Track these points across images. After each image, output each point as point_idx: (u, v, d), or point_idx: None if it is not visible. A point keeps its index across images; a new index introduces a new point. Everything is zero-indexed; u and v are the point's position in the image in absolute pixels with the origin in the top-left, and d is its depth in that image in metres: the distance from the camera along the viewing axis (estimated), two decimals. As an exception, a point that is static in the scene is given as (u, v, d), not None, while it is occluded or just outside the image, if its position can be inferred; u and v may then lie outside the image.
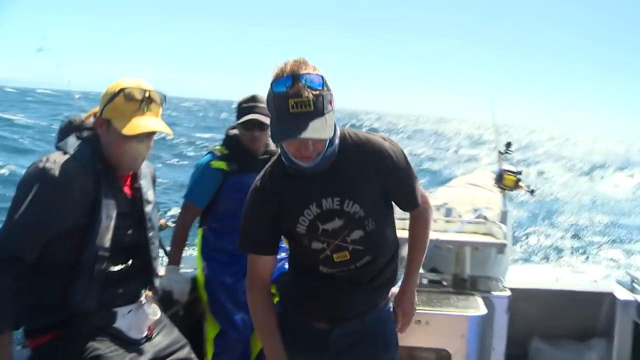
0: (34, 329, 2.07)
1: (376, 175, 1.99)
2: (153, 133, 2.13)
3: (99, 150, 2.09)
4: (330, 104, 1.80)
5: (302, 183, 1.95)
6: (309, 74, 1.74)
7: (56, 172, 1.95)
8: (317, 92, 1.73)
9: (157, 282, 2.32)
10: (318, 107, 1.74)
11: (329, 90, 1.79)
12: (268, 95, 1.79)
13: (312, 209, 1.95)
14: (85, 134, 2.14)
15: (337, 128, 1.94)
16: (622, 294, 3.57)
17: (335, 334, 2.11)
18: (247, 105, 3.04)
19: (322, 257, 2.00)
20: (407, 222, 2.27)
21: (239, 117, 3.07)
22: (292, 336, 2.09)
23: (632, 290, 3.64)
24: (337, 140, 1.92)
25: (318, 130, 1.73)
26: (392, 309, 2.27)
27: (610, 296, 3.62)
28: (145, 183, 2.27)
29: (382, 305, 2.18)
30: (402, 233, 2.27)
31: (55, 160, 1.98)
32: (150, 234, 2.25)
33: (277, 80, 1.75)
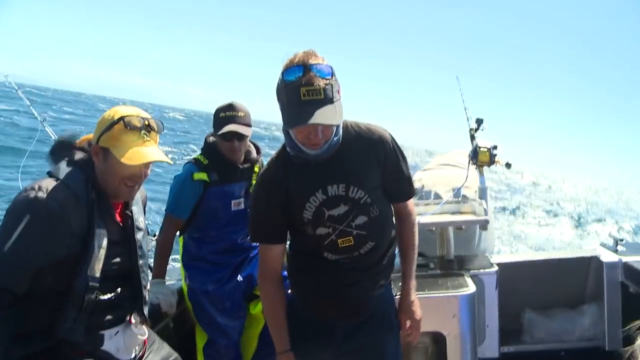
0: (22, 356, 2.01)
1: (378, 163, 2.07)
2: (151, 161, 2.08)
3: (92, 177, 2.05)
4: (338, 92, 1.88)
5: (306, 171, 2.02)
6: (318, 64, 1.83)
7: (49, 202, 1.90)
8: (327, 80, 1.83)
9: (146, 311, 2.27)
10: (328, 96, 1.82)
11: (337, 80, 1.88)
12: (278, 84, 1.88)
13: (318, 196, 2.01)
14: (78, 157, 2.09)
15: (340, 125, 2.00)
16: (608, 256, 3.60)
17: (341, 320, 2.15)
18: (225, 115, 2.96)
19: (326, 242, 2.05)
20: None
21: (216, 126, 2.98)
22: (299, 324, 2.15)
23: (617, 251, 3.67)
24: (340, 132, 2.00)
25: (328, 117, 1.81)
26: (393, 293, 2.30)
27: (596, 260, 3.65)
28: (136, 209, 2.24)
29: (386, 287, 2.22)
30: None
31: (47, 189, 1.94)
32: (141, 262, 2.21)
33: (288, 69, 1.84)
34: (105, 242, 2.03)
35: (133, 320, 2.24)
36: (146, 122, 2.05)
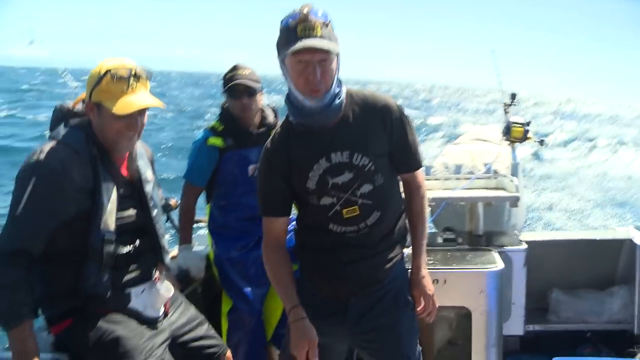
0: (52, 316, 2.11)
1: (384, 129, 2.04)
2: (145, 109, 2.10)
3: (92, 135, 2.07)
4: (336, 41, 1.88)
5: (310, 139, 2.01)
6: (316, 9, 1.86)
7: (51, 162, 1.95)
8: (324, 22, 1.85)
9: (167, 259, 2.31)
10: (325, 34, 1.83)
11: (333, 29, 1.89)
12: (278, 38, 1.90)
13: (321, 163, 1.99)
14: (76, 120, 2.12)
15: (342, 86, 1.99)
16: None
17: (354, 299, 2.11)
18: (231, 74, 2.98)
19: (331, 213, 2.02)
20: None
21: (224, 87, 3.01)
22: (310, 307, 2.08)
23: None
24: (343, 95, 1.99)
25: (324, 44, 1.82)
26: (405, 268, 2.24)
27: (629, 242, 3.57)
28: (142, 163, 2.26)
29: (398, 263, 2.17)
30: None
31: (49, 150, 1.98)
32: (154, 213, 2.25)
33: (286, 17, 1.87)
34: (114, 195, 2.07)
35: (158, 278, 2.28)
36: (133, 71, 2.05)
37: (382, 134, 2.03)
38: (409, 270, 2.22)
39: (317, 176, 1.99)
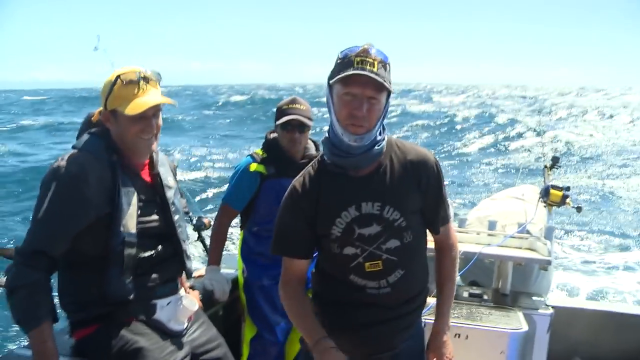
0: (79, 321, 2.15)
1: (419, 187, 1.97)
2: (159, 110, 2.18)
3: (112, 143, 2.15)
4: (390, 84, 1.82)
5: (342, 183, 1.93)
6: (378, 49, 1.81)
7: (71, 168, 2.03)
8: (383, 61, 1.81)
9: (189, 265, 2.35)
10: (381, 73, 1.78)
11: (390, 72, 1.84)
12: (334, 65, 1.85)
13: (350, 211, 1.91)
14: (95, 129, 2.21)
15: (385, 133, 1.95)
16: None
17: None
18: (287, 107, 3.05)
19: (353, 264, 1.94)
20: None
21: (278, 118, 3.07)
22: None
23: None
24: (383, 143, 1.93)
25: (379, 77, 1.77)
26: (423, 324, 2.21)
27: None
28: (163, 170, 2.32)
29: (414, 327, 2.11)
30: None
31: (69, 157, 2.06)
32: (176, 218, 2.29)
33: (345, 49, 1.83)
34: (135, 200, 2.12)
35: (183, 286, 2.33)
36: (142, 75, 2.14)
37: (416, 190, 1.97)
38: (426, 326, 2.17)
39: (344, 224, 1.91)
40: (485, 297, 3.17)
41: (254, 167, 3.07)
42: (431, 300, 2.28)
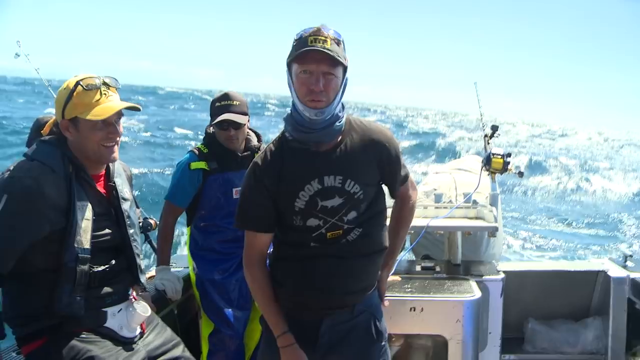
0: (25, 335, 2.06)
1: (377, 163, 2.07)
2: (121, 115, 2.12)
3: (68, 153, 2.07)
4: (346, 60, 1.90)
5: (305, 158, 2.00)
6: (330, 28, 1.89)
7: (24, 180, 1.93)
8: (336, 39, 1.88)
9: (143, 279, 2.29)
10: (334, 49, 1.86)
11: (345, 52, 1.92)
12: (291, 48, 1.91)
13: (313, 185, 1.98)
14: (50, 137, 2.12)
15: (344, 111, 2.03)
16: (616, 272, 3.57)
17: (326, 325, 2.09)
18: (221, 105, 3.00)
19: (315, 234, 2.02)
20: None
21: (212, 116, 3.03)
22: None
23: (625, 267, 3.65)
24: (343, 119, 2.02)
25: (333, 51, 1.84)
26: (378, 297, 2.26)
27: (604, 274, 3.62)
28: (119, 181, 2.25)
29: (370, 293, 2.17)
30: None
31: (23, 168, 1.97)
32: (131, 231, 2.23)
33: (300, 31, 1.90)
34: (89, 214, 2.04)
35: (135, 298, 2.27)
36: (102, 80, 2.09)
37: (374, 167, 2.06)
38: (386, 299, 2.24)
39: (307, 197, 1.98)
40: (438, 269, 3.21)
41: (194, 165, 3.03)
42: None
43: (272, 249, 2.19)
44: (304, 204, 1.99)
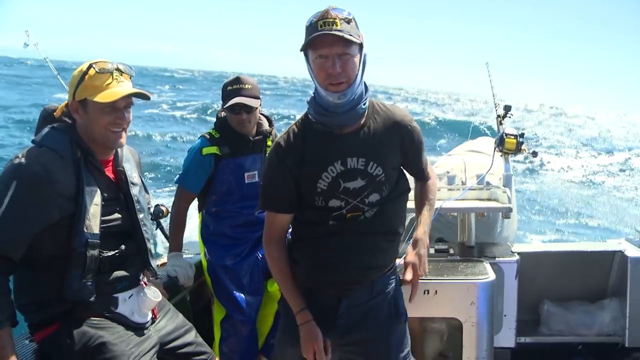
0: (38, 322, 2.08)
1: (400, 147, 2.09)
2: (131, 103, 2.12)
3: (77, 138, 2.07)
4: (360, 37, 1.90)
5: (328, 140, 2.02)
6: (339, 8, 1.89)
7: (33, 166, 1.93)
8: (346, 18, 1.87)
9: (153, 264, 2.30)
10: (344, 29, 1.85)
11: (358, 29, 1.91)
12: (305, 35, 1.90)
13: (336, 166, 2.00)
14: (59, 124, 2.12)
15: (367, 93, 2.03)
16: (633, 251, 3.52)
17: (344, 305, 2.10)
18: (232, 89, 2.98)
19: (335, 214, 2.04)
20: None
21: (224, 100, 3.02)
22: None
23: None
24: (367, 102, 2.03)
25: (343, 32, 1.83)
26: (399, 279, 2.24)
27: (621, 254, 3.57)
28: (128, 166, 2.25)
29: (389, 272, 2.18)
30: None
31: (32, 155, 1.97)
32: (141, 216, 2.23)
33: (310, 17, 1.89)
34: (99, 199, 2.05)
35: (146, 284, 2.28)
36: (115, 66, 2.09)
37: (397, 151, 2.08)
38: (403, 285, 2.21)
39: (329, 178, 2.00)
40: (452, 251, 3.19)
41: (206, 150, 3.01)
42: (398, 260, 2.27)
43: (290, 230, 2.21)
44: (326, 185, 2.01)
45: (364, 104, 1.99)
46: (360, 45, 1.91)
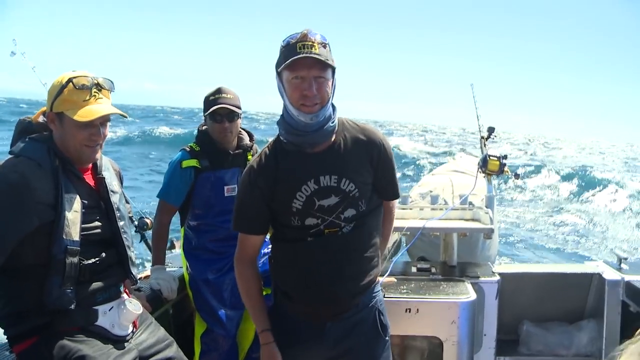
0: (16, 334, 2.05)
1: (370, 162, 2.11)
2: (108, 119, 2.11)
3: (54, 146, 2.06)
4: (333, 61, 1.96)
5: (300, 160, 2.05)
6: (315, 32, 1.94)
7: (10, 176, 1.93)
8: (322, 42, 1.93)
9: (134, 271, 2.28)
10: (322, 53, 1.91)
11: (330, 51, 1.97)
12: (279, 55, 1.96)
13: (309, 185, 2.03)
14: (36, 135, 2.11)
15: (336, 112, 2.07)
16: (610, 274, 3.58)
17: (330, 322, 2.12)
18: (214, 98, 3.00)
19: (313, 231, 2.06)
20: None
21: (205, 109, 3.02)
22: (286, 333, 2.12)
23: (620, 269, 3.65)
24: (336, 120, 2.07)
25: (322, 55, 1.90)
26: (382, 294, 2.28)
27: (598, 277, 3.63)
28: (108, 174, 2.25)
29: (371, 289, 2.19)
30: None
31: (9, 164, 1.97)
32: (121, 224, 2.22)
33: (286, 38, 1.95)
34: (78, 206, 2.04)
35: (128, 294, 2.26)
36: (95, 81, 2.08)
37: (368, 166, 2.11)
38: (387, 299, 2.26)
39: (304, 197, 2.03)
40: (433, 270, 3.22)
41: (186, 163, 3.02)
42: (380, 278, 2.31)
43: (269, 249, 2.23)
44: (301, 205, 2.03)
45: (332, 122, 2.03)
46: (334, 70, 1.98)
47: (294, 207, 2.04)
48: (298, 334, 2.13)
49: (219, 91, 3.02)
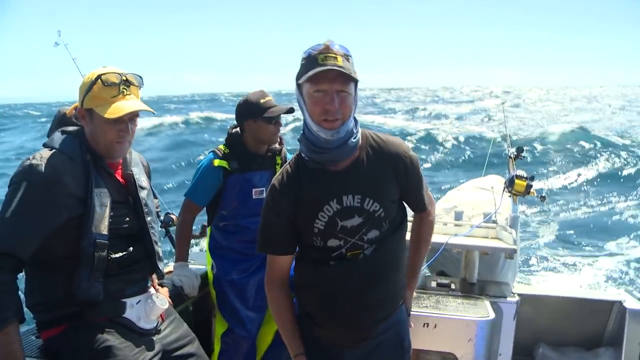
0: (46, 321, 2.12)
1: (396, 177, 2.03)
2: (136, 115, 2.16)
3: (85, 142, 2.12)
4: (356, 74, 1.85)
5: (322, 179, 1.97)
6: (335, 43, 1.85)
7: (43, 169, 1.98)
8: (345, 54, 1.84)
9: (161, 266, 2.33)
10: (345, 65, 1.82)
11: (354, 66, 1.87)
12: (300, 66, 1.88)
13: (332, 205, 1.96)
14: (70, 128, 2.18)
15: (359, 126, 2.00)
16: (632, 303, 3.54)
17: (349, 352, 2.09)
18: (266, 101, 3.03)
19: (335, 254, 2.00)
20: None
21: (258, 113, 3.02)
22: (307, 347, 2.09)
23: None
24: (358, 135, 1.98)
25: (345, 68, 1.80)
26: (405, 314, 2.26)
27: (619, 305, 3.59)
28: (137, 170, 2.30)
29: (400, 310, 2.18)
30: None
31: (42, 157, 2.02)
32: (149, 219, 2.27)
33: (307, 49, 1.86)
34: (108, 201, 2.09)
35: (155, 288, 2.33)
36: (124, 77, 2.12)
37: (394, 181, 2.02)
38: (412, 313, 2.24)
39: (326, 217, 1.96)
40: (453, 286, 3.22)
41: (217, 162, 3.06)
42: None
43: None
44: (323, 225, 1.97)
45: (355, 137, 1.94)
46: (356, 83, 1.88)
47: (315, 227, 1.97)
48: (318, 353, 2.09)
49: (265, 94, 3.06)
